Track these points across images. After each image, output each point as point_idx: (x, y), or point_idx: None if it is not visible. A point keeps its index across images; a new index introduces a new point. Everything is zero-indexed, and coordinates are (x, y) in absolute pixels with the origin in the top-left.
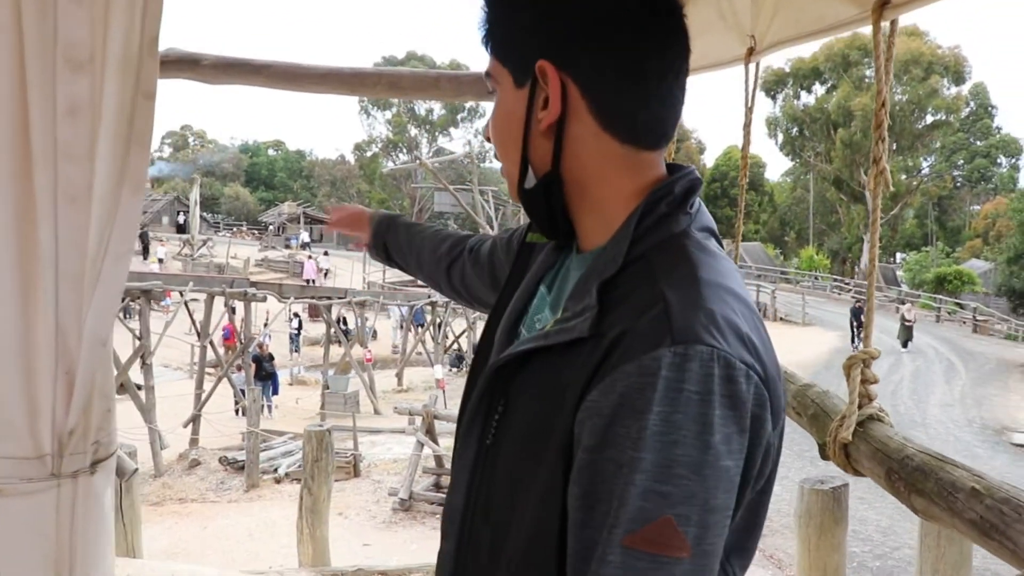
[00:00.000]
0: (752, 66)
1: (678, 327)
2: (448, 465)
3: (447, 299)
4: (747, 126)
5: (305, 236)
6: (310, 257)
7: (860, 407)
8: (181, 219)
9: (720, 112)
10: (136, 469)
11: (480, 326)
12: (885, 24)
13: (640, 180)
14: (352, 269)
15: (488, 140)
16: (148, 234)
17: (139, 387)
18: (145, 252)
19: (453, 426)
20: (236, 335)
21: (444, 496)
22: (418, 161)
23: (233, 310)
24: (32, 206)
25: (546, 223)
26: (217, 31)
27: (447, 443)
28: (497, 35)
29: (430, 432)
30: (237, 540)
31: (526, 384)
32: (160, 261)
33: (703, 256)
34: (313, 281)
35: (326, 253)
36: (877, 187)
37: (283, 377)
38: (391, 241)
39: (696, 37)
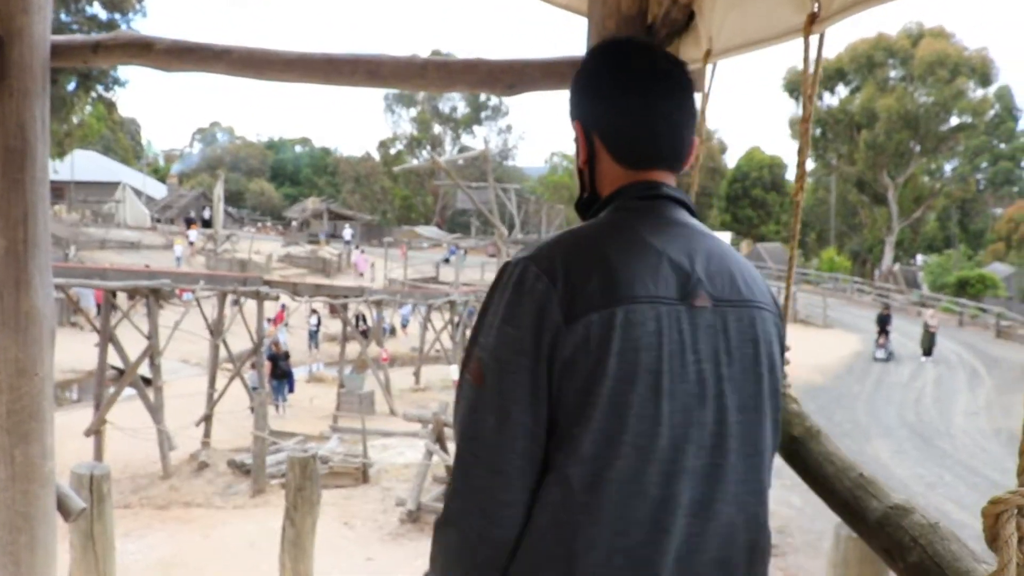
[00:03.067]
0: (814, 38)
1: (514, 257)
2: None
3: (465, 298)
4: (806, 108)
5: (349, 232)
6: (362, 252)
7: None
8: (206, 214)
9: (742, 112)
10: (84, 508)
11: None
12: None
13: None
14: (374, 265)
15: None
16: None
17: (147, 381)
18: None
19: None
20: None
21: None
22: (432, 160)
23: (236, 305)
24: None
25: None
26: (234, 26)
27: None
28: (572, 104)
29: (440, 439)
30: (237, 551)
31: None
32: (192, 243)
33: (589, 224)
34: (362, 273)
35: (361, 250)
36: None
37: (301, 374)
38: None
39: (744, 7)
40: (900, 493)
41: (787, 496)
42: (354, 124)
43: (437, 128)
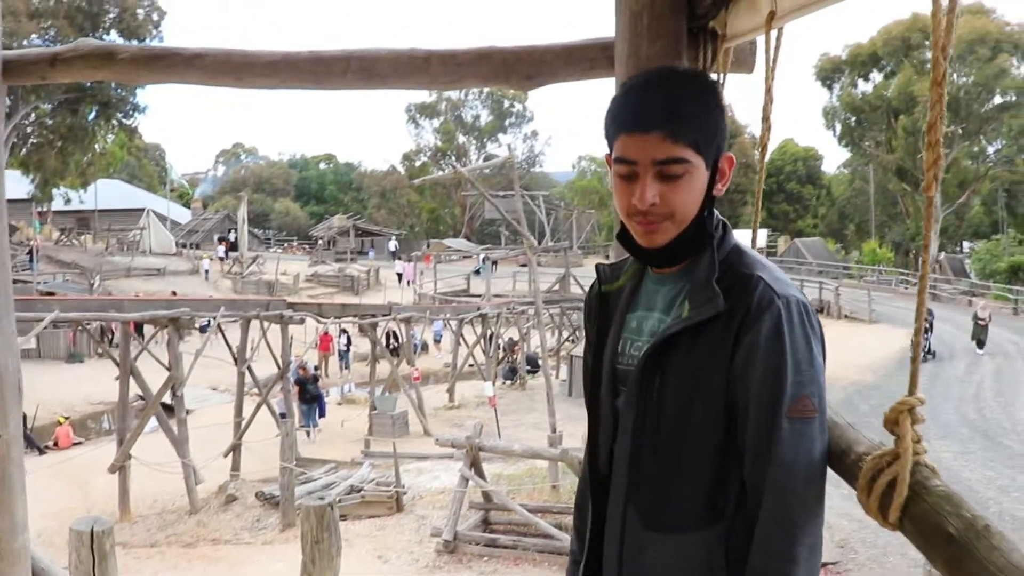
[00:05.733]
0: (773, 33)
1: (778, 291)
2: (496, 499)
3: (497, 311)
4: (767, 103)
5: (393, 245)
6: (409, 261)
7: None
8: (232, 236)
9: (775, 107)
10: None
11: (533, 336)
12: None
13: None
14: (423, 273)
15: (652, 206)
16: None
17: (166, 406)
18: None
19: (503, 446)
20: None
21: (493, 536)
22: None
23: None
24: None
25: (687, 255)
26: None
27: (496, 470)
28: (705, 135)
29: (475, 464)
30: None
31: (677, 356)
32: (222, 259)
33: (751, 252)
34: (411, 282)
35: (410, 259)
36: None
37: (333, 396)
38: None
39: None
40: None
41: (848, 507)
42: (378, 138)
43: (461, 138)
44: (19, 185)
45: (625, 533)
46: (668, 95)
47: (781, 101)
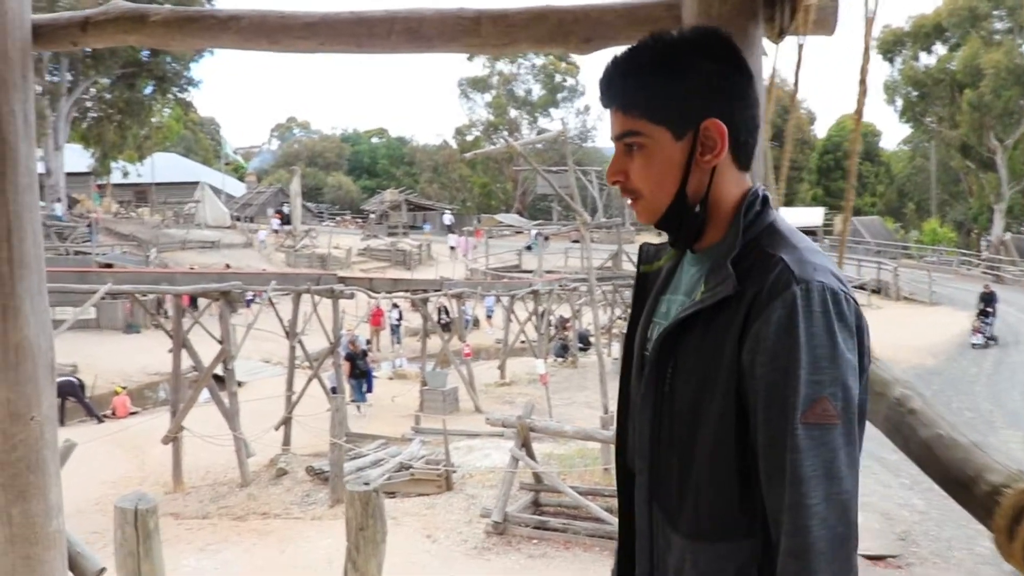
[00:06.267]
0: None
1: (798, 273)
2: (547, 480)
3: (549, 287)
4: (865, 62)
5: (449, 218)
6: (462, 235)
7: None
8: (285, 209)
9: (830, 79)
10: (103, 570)
11: (585, 313)
12: None
13: (739, 192)
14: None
15: (617, 183)
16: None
17: (219, 378)
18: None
19: (555, 427)
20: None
21: (542, 519)
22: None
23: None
24: None
25: (693, 235)
26: None
27: (547, 450)
28: (655, 102)
29: (526, 444)
30: (314, 569)
31: (689, 342)
32: (276, 231)
33: (793, 233)
34: (465, 255)
35: (467, 231)
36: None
37: (384, 370)
38: None
39: None
40: None
41: (908, 497)
42: (430, 112)
43: (513, 112)
44: (80, 159)
45: (654, 532)
46: (619, 68)
47: (839, 76)
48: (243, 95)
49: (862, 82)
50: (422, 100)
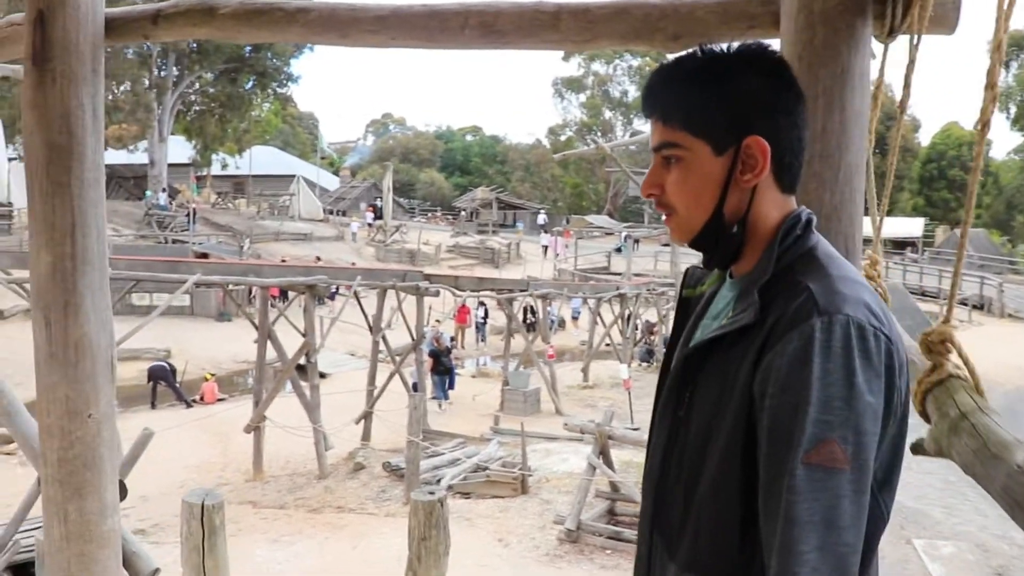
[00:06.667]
0: None
1: (822, 304)
2: (623, 490)
3: (636, 291)
4: (994, 63)
5: (542, 218)
6: (554, 234)
7: None
8: (378, 204)
9: (936, 84)
10: (157, 570)
11: (671, 318)
12: None
13: (779, 215)
14: (568, 247)
15: (652, 196)
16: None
17: (301, 366)
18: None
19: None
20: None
21: (617, 529)
22: (597, 146)
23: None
24: None
25: (728, 257)
26: None
27: (626, 457)
28: (696, 114)
29: (604, 452)
30: (385, 566)
31: (709, 369)
32: (370, 225)
33: (832, 259)
34: (557, 254)
35: (559, 230)
36: None
37: (468, 368)
38: None
39: None
40: None
41: (1007, 529)
42: (524, 111)
43: (607, 113)
44: (182, 150)
45: (652, 558)
46: (662, 77)
47: (947, 82)
48: (341, 91)
49: (990, 86)
50: (517, 98)
